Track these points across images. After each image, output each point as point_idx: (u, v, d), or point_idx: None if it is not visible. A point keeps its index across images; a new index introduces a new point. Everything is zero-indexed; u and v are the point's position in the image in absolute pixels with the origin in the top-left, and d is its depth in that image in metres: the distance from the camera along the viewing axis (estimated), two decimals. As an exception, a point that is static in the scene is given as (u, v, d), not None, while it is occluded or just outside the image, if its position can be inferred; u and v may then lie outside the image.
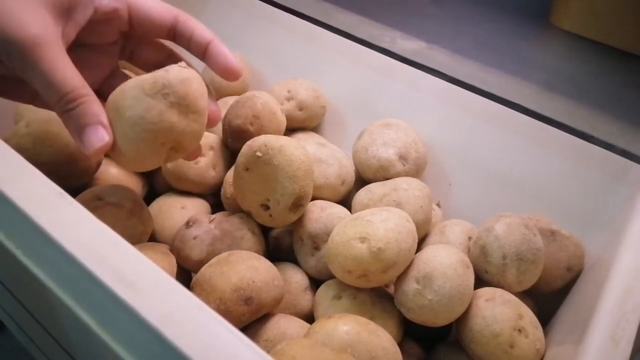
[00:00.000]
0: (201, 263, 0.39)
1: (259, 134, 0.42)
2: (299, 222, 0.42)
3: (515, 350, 0.34)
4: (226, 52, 0.36)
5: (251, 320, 0.35)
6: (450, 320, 0.35)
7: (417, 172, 0.46)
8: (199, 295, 0.34)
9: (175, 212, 0.46)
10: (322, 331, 0.32)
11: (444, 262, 0.35)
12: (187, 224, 0.41)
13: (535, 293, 0.40)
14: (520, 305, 0.36)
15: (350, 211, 0.43)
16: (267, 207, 0.39)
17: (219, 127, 0.49)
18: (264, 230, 0.43)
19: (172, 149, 0.34)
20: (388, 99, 0.53)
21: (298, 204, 0.39)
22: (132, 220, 0.39)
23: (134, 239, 0.39)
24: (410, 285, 0.35)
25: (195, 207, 0.47)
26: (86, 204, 0.37)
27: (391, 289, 0.40)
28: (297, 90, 0.52)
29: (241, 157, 0.40)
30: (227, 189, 0.44)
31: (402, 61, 0.54)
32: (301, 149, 0.39)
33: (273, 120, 0.47)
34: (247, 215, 0.41)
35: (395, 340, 0.35)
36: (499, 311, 0.34)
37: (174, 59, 0.38)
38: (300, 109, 0.52)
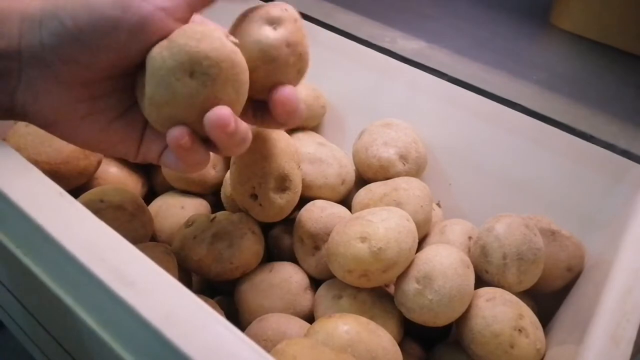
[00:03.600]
0: (201, 262, 0.39)
1: (259, 134, 0.42)
2: (299, 221, 0.42)
3: (515, 351, 0.34)
4: None
5: None
6: (451, 320, 0.35)
7: (417, 171, 0.46)
8: None
9: (175, 212, 0.46)
10: (322, 331, 0.32)
11: (444, 262, 0.35)
12: (187, 224, 0.41)
13: (535, 293, 0.40)
14: (520, 305, 0.35)
15: (351, 211, 0.43)
16: (255, 196, 0.39)
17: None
18: (264, 230, 0.43)
19: None
20: (388, 98, 0.53)
21: (282, 186, 0.39)
22: (133, 223, 0.39)
23: (135, 242, 0.39)
24: (411, 285, 0.35)
25: (195, 206, 0.47)
26: (88, 205, 0.37)
27: (391, 289, 0.40)
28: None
29: None
30: (227, 189, 0.44)
31: (402, 61, 0.54)
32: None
33: (273, 120, 0.47)
34: (247, 214, 0.41)
35: (396, 340, 0.35)
36: (499, 311, 0.34)
37: None
38: (301, 109, 0.52)
